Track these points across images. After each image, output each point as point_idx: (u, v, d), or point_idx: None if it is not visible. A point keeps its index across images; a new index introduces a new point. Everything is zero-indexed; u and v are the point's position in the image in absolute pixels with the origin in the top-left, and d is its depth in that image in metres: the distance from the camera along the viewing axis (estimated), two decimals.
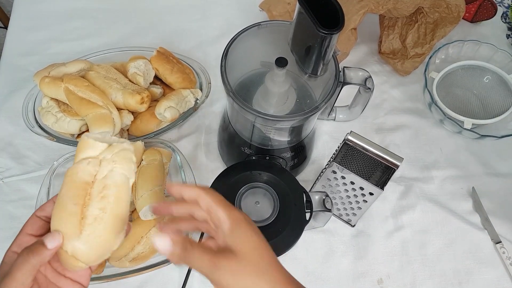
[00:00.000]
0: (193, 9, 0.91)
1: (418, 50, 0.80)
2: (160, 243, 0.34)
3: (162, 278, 0.62)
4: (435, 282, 0.64)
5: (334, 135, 0.76)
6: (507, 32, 0.90)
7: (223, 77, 0.52)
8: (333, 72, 0.54)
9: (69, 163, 0.66)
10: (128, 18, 0.89)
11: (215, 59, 0.83)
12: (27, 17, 0.89)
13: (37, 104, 0.70)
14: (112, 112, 0.65)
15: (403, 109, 0.80)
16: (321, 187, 0.63)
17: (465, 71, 0.81)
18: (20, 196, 0.68)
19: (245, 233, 0.36)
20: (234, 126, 0.64)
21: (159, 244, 0.34)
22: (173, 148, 0.67)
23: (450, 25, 0.78)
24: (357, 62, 0.85)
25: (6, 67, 0.82)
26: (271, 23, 0.58)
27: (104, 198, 0.37)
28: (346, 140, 0.55)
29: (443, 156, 0.75)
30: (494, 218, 0.69)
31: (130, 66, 0.70)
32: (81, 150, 0.38)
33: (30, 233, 0.40)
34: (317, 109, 0.52)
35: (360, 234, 0.67)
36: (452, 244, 0.67)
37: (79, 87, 0.64)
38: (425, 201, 0.70)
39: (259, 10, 0.87)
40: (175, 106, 0.69)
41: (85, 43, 0.85)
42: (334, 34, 0.46)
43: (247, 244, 0.36)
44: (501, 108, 0.76)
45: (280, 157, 0.64)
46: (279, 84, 0.54)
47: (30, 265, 0.36)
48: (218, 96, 0.78)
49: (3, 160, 0.71)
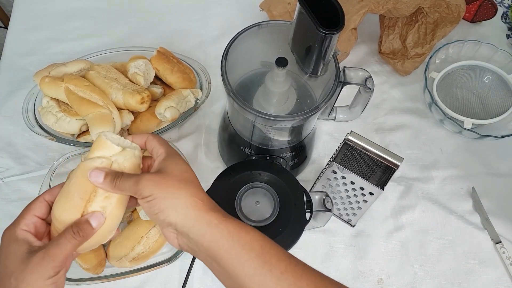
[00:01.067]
0: (193, 9, 0.91)
1: (418, 50, 0.80)
2: (94, 173, 0.38)
3: (162, 278, 0.62)
4: (435, 282, 0.64)
5: (334, 135, 0.76)
6: (507, 32, 0.90)
7: (223, 77, 0.52)
8: (333, 72, 0.54)
9: (69, 163, 0.66)
10: (128, 18, 0.89)
11: (215, 59, 0.83)
12: (27, 17, 0.89)
13: (37, 104, 0.70)
14: (113, 112, 0.65)
15: (403, 109, 0.80)
16: (321, 187, 0.63)
17: (465, 71, 0.81)
18: (20, 196, 0.68)
19: (176, 160, 0.40)
20: (234, 126, 0.63)
21: (93, 175, 0.38)
22: (173, 148, 0.67)
23: (450, 25, 0.78)
24: (357, 62, 0.85)
25: (6, 67, 0.82)
26: (271, 23, 0.58)
27: (107, 198, 0.40)
28: (346, 140, 0.55)
29: (443, 156, 0.75)
30: (494, 218, 0.69)
31: (130, 66, 0.70)
32: (96, 148, 0.40)
33: (38, 215, 0.41)
34: (317, 109, 0.52)
35: (360, 234, 0.67)
36: (452, 244, 0.67)
37: (79, 87, 0.64)
38: (425, 201, 0.70)
39: (259, 10, 0.87)
40: (175, 106, 0.69)
41: (85, 43, 0.85)
42: (334, 34, 0.46)
43: (174, 166, 0.40)
44: (501, 108, 0.76)
45: (280, 157, 0.64)
46: (279, 84, 0.54)
47: (71, 244, 0.37)
48: (218, 96, 0.78)
49: (3, 160, 0.71)
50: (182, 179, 0.39)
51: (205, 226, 0.37)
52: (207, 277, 0.63)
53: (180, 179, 0.39)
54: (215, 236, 0.37)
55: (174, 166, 0.40)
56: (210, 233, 0.37)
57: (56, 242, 0.37)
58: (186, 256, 0.60)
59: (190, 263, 0.58)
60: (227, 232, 0.37)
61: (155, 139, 0.43)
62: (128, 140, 0.43)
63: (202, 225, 0.37)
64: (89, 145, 0.66)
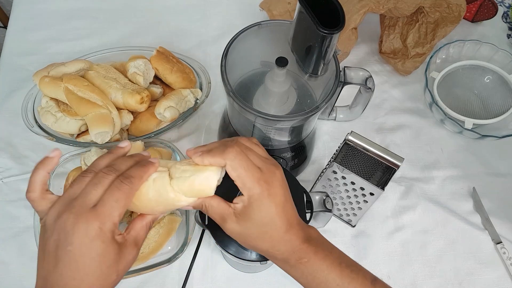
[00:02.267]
0: (193, 9, 0.91)
1: (419, 49, 0.80)
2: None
3: (162, 278, 0.62)
4: (436, 282, 0.64)
5: (335, 135, 0.76)
6: (508, 32, 0.90)
7: (223, 77, 0.52)
8: (334, 72, 0.54)
9: (68, 163, 0.66)
10: (128, 18, 0.89)
11: (215, 59, 0.83)
12: (27, 17, 0.89)
13: (36, 104, 0.70)
14: (112, 112, 0.65)
15: (404, 109, 0.80)
16: (322, 187, 0.63)
17: (466, 71, 0.80)
18: (20, 196, 0.68)
19: (256, 206, 0.39)
20: (234, 126, 0.63)
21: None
22: (173, 148, 0.67)
23: (451, 25, 0.78)
24: (358, 61, 0.85)
25: (5, 67, 0.82)
26: (271, 22, 0.58)
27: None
28: (347, 140, 0.55)
29: (443, 156, 0.75)
30: (495, 218, 0.68)
31: (130, 66, 0.70)
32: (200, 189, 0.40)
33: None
34: (317, 109, 0.52)
35: (361, 234, 0.67)
36: (452, 244, 0.67)
37: (78, 86, 0.64)
38: (426, 201, 0.70)
39: (259, 10, 0.87)
40: (175, 106, 0.69)
41: (85, 43, 0.85)
42: (334, 34, 0.46)
43: (255, 214, 0.39)
44: (502, 108, 0.76)
45: (280, 157, 0.63)
46: (280, 84, 0.54)
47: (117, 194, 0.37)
48: (218, 96, 0.78)
49: (3, 160, 0.71)
50: (262, 231, 0.39)
51: (295, 260, 0.40)
52: (207, 278, 0.63)
53: (260, 231, 0.39)
54: (310, 268, 0.40)
55: (255, 214, 0.39)
56: (298, 269, 0.40)
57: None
58: (186, 257, 0.60)
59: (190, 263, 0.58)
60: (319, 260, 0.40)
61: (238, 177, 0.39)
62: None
63: (293, 261, 0.40)
64: (88, 145, 0.66)
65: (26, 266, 0.63)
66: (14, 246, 0.64)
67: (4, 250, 0.64)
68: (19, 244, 0.64)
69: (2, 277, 0.62)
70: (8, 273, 0.62)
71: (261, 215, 0.38)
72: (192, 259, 0.58)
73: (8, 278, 0.62)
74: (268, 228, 0.39)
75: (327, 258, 0.39)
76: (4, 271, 0.63)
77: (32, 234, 0.60)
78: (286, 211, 0.40)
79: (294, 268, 0.40)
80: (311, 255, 0.39)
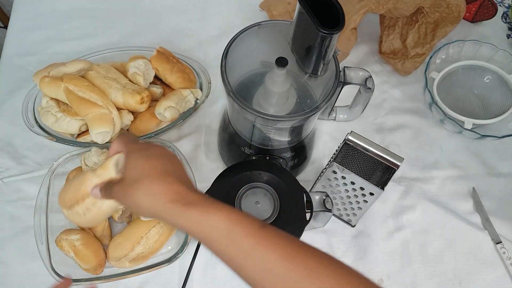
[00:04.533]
0: (193, 9, 0.91)
1: (419, 50, 0.80)
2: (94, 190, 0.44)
3: (162, 278, 0.62)
4: (436, 282, 0.64)
5: (335, 135, 0.76)
6: (508, 32, 0.90)
7: (223, 77, 0.52)
8: (334, 72, 0.54)
9: (68, 163, 0.66)
10: (128, 18, 0.89)
11: (215, 59, 0.83)
12: (27, 17, 0.89)
13: (36, 104, 0.70)
14: (112, 112, 0.65)
15: (404, 109, 0.80)
16: (322, 187, 0.63)
17: (466, 71, 0.80)
18: (20, 196, 0.68)
19: (129, 161, 0.42)
20: (234, 126, 0.63)
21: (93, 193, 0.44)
22: (173, 148, 0.67)
23: (451, 25, 0.78)
24: (358, 62, 0.85)
25: (6, 67, 0.82)
26: (271, 23, 0.58)
27: (88, 210, 0.45)
28: (347, 140, 0.55)
29: (443, 156, 0.75)
30: (495, 218, 0.69)
31: (130, 66, 0.70)
32: (103, 167, 0.44)
33: None
34: (317, 109, 0.52)
35: (361, 234, 0.67)
36: (452, 244, 0.67)
37: (79, 86, 0.64)
38: (426, 201, 0.70)
39: (259, 10, 0.87)
40: (175, 106, 0.69)
41: (85, 43, 0.85)
42: (334, 34, 0.46)
43: (128, 170, 0.41)
44: (502, 108, 0.76)
45: (280, 157, 0.63)
46: (279, 84, 0.54)
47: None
48: (218, 96, 0.78)
49: (3, 160, 0.71)
50: (135, 180, 0.40)
51: (171, 218, 0.38)
52: (207, 278, 0.63)
53: (134, 180, 0.40)
54: (182, 226, 0.38)
55: (128, 171, 0.41)
56: (178, 225, 0.38)
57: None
58: (186, 257, 0.60)
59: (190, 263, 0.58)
60: (190, 221, 0.38)
61: (112, 145, 0.45)
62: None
63: (169, 218, 0.38)
64: (88, 145, 0.66)
65: (26, 266, 0.63)
66: (14, 246, 0.64)
67: (4, 250, 0.64)
68: (19, 244, 0.64)
69: (2, 277, 0.62)
70: (8, 273, 0.62)
71: (130, 166, 0.41)
72: (192, 259, 0.58)
73: (8, 278, 0.62)
74: (141, 177, 0.40)
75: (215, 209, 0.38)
76: (4, 271, 0.63)
77: (32, 234, 0.60)
78: (155, 167, 0.41)
79: (182, 216, 0.38)
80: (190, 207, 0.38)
